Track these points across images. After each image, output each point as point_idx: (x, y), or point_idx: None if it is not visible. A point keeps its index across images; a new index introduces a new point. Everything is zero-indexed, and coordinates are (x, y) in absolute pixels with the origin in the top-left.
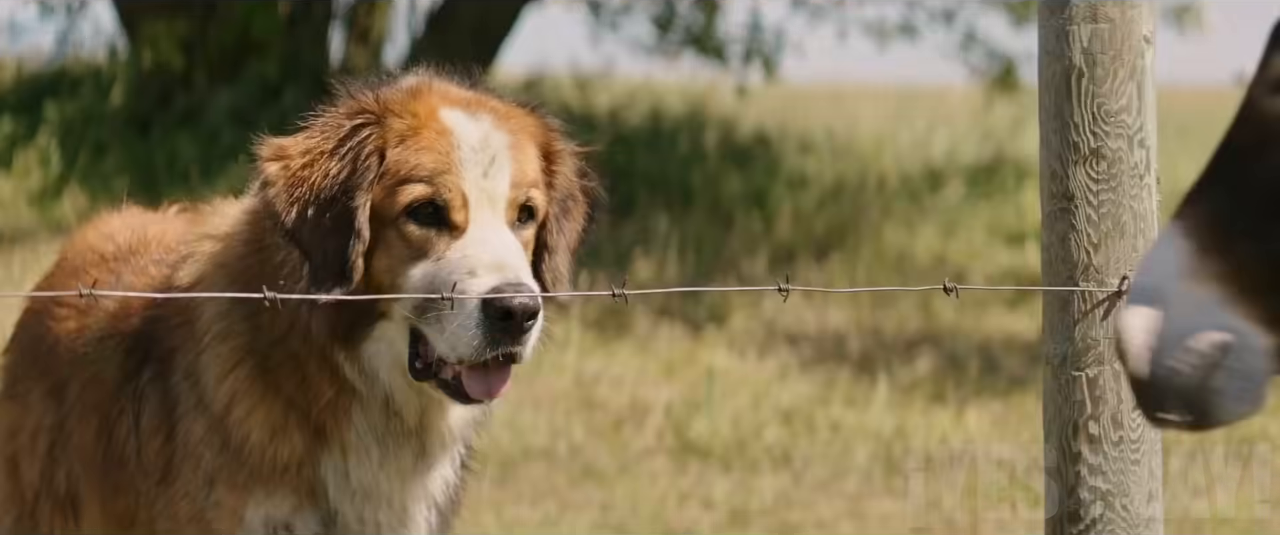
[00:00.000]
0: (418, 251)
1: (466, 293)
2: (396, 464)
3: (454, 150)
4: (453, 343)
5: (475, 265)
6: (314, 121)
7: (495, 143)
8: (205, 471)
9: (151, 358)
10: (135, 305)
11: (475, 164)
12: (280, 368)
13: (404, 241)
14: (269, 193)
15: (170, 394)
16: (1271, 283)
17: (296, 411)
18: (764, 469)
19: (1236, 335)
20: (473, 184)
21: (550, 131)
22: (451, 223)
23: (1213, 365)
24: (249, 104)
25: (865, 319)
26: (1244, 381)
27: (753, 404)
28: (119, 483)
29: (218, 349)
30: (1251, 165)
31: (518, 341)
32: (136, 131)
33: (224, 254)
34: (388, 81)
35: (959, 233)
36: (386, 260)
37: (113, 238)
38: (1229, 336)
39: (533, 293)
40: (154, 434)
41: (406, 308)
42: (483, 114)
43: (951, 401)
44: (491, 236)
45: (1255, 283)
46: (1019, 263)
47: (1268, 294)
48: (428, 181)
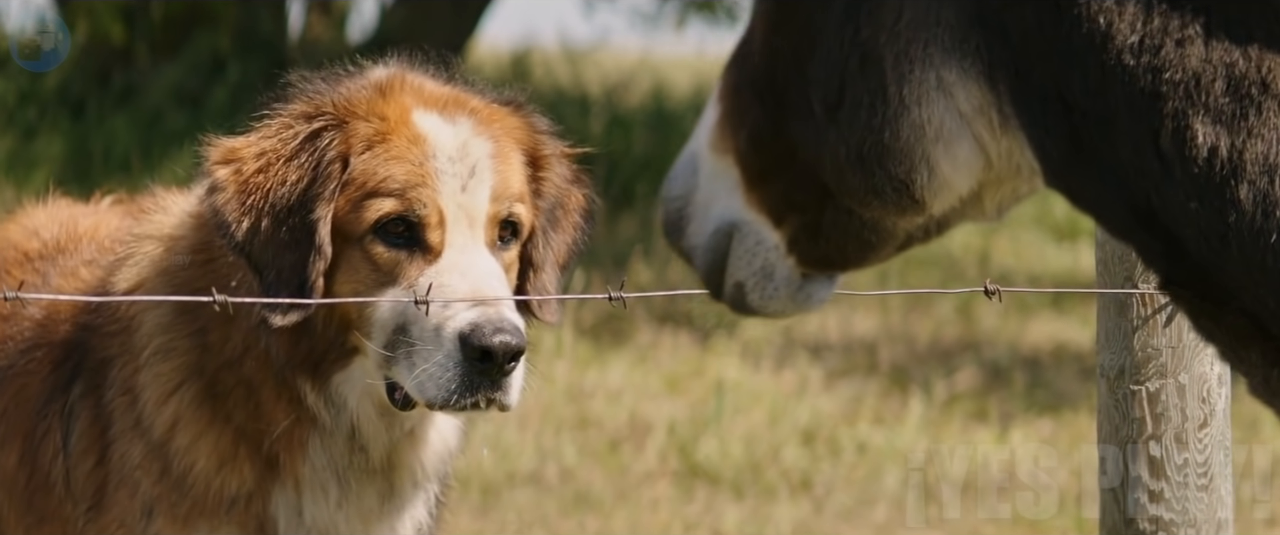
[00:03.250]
0: (386, 276)
1: (440, 329)
2: (358, 504)
3: (428, 160)
4: (423, 385)
5: (451, 296)
6: (269, 121)
7: (475, 151)
8: (143, 500)
9: (83, 370)
10: (65, 311)
11: (453, 176)
12: (231, 393)
13: (370, 264)
14: (217, 200)
15: (103, 411)
16: (764, 170)
17: (247, 441)
18: (781, 495)
19: (744, 225)
20: (449, 199)
21: (537, 134)
22: (425, 244)
23: (726, 252)
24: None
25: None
26: (763, 277)
27: (768, 422)
28: (45, 511)
29: (158, 367)
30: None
31: (498, 386)
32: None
33: (167, 260)
34: (351, 74)
35: (1002, 228)
36: (350, 284)
37: (37, 234)
38: (736, 222)
39: (516, 329)
40: (85, 456)
41: (374, 340)
42: (461, 117)
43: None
44: (470, 261)
45: (755, 167)
46: (1070, 262)
47: (764, 182)
48: (398, 196)
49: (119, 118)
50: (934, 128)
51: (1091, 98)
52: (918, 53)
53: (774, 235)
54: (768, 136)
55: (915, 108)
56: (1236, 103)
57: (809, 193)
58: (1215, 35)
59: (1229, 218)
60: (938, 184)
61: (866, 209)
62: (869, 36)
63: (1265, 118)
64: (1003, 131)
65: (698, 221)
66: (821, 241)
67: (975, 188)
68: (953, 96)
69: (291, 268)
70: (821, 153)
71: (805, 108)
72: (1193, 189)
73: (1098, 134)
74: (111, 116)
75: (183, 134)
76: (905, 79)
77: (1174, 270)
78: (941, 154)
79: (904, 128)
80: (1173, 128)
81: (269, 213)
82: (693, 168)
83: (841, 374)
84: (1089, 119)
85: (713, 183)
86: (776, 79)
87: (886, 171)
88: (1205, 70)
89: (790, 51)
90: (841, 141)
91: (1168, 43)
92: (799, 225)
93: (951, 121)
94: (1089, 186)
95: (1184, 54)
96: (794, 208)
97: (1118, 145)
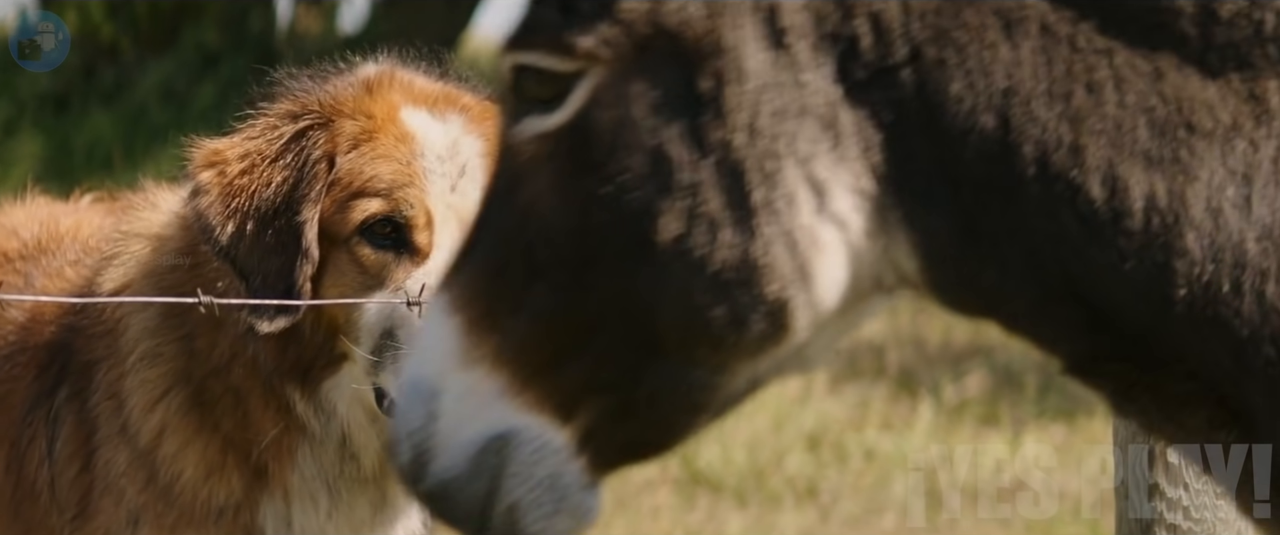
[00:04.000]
0: (373, 279)
1: None
2: (349, 514)
3: (417, 159)
4: None
5: None
6: (254, 120)
7: (466, 150)
8: (128, 509)
9: (68, 373)
10: (50, 313)
11: (442, 175)
12: (218, 401)
13: (357, 266)
14: (201, 203)
15: (88, 416)
16: (551, 357)
17: (235, 450)
18: (786, 504)
19: (521, 431)
20: (438, 199)
21: None
22: (413, 245)
23: (496, 471)
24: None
25: (904, 328)
26: (545, 490)
27: (772, 427)
28: (31, 519)
29: (145, 372)
30: (506, 212)
31: None
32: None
33: (154, 261)
34: (340, 72)
35: None
36: (336, 288)
37: (17, 233)
38: (508, 433)
39: None
40: (69, 462)
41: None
42: (452, 114)
43: (1006, 425)
44: None
45: (534, 360)
46: None
47: (550, 372)
48: (385, 196)
49: (102, 114)
50: (808, 233)
51: (991, 165)
52: (783, 149)
53: (560, 435)
54: (561, 311)
55: (786, 213)
56: (1166, 146)
57: (622, 363)
58: (1125, 77)
59: (1175, 272)
60: (816, 300)
61: (716, 353)
62: (724, 141)
63: (1199, 158)
64: (881, 230)
65: (450, 450)
66: (632, 422)
67: (840, 306)
68: (826, 195)
69: (278, 272)
70: (661, 296)
71: (633, 251)
72: (1129, 246)
73: (1000, 206)
74: (95, 112)
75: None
76: (771, 182)
77: (1100, 345)
78: (819, 264)
79: (775, 238)
80: (1101, 181)
81: (254, 216)
82: (428, 394)
83: (848, 378)
84: (988, 191)
85: (463, 402)
86: (584, 232)
87: (755, 294)
88: (1124, 116)
89: (610, 192)
90: (694, 272)
91: (1078, 89)
92: (600, 410)
93: (827, 224)
94: (986, 273)
95: (1099, 100)
96: (596, 389)
97: (1027, 214)
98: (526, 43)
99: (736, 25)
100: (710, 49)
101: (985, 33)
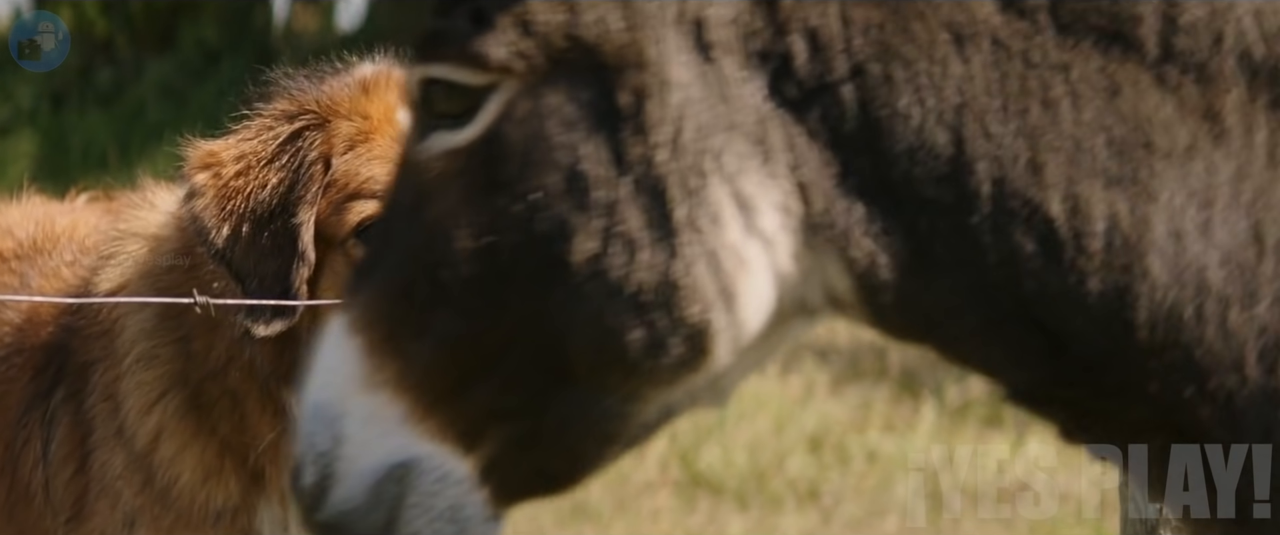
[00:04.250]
0: None
1: None
2: None
3: None
4: None
5: None
6: (249, 121)
7: None
8: (124, 511)
9: (64, 374)
10: (46, 313)
11: None
12: (215, 404)
13: None
14: (197, 205)
15: (85, 417)
16: (455, 383)
17: (232, 454)
18: (787, 506)
19: (422, 460)
20: None
21: None
22: None
23: (396, 502)
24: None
25: None
26: (446, 523)
27: (773, 429)
28: (25, 523)
29: (140, 375)
30: (412, 231)
31: None
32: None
33: (151, 262)
34: (336, 72)
35: None
36: (333, 290)
37: (12, 232)
38: (408, 462)
39: None
40: (64, 463)
41: None
42: None
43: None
44: None
45: (437, 386)
46: None
47: (454, 399)
48: (382, 198)
49: (98, 113)
50: (733, 255)
51: (941, 183)
52: (709, 165)
53: (463, 464)
54: (467, 335)
55: (710, 232)
56: (1125, 165)
57: (530, 390)
58: (1082, 93)
59: (1137, 296)
60: (739, 323)
61: (630, 380)
62: (645, 157)
63: (1159, 178)
64: (811, 250)
65: (351, 478)
66: (538, 452)
67: (763, 330)
68: (753, 212)
69: (274, 275)
70: (574, 320)
71: (545, 272)
72: (1090, 268)
73: (949, 227)
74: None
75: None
76: (695, 199)
77: (1053, 371)
78: (744, 284)
79: (697, 258)
80: (1060, 199)
81: (250, 218)
82: (330, 418)
83: (850, 379)
84: (937, 210)
85: (367, 427)
86: (493, 253)
87: (675, 317)
88: (1083, 133)
89: (522, 211)
90: (610, 294)
91: (1034, 105)
92: (506, 439)
93: (754, 243)
94: (930, 296)
95: (1057, 116)
96: (502, 417)
97: (979, 234)
98: (435, 55)
99: (659, 38)
100: (631, 62)
101: (935, 48)
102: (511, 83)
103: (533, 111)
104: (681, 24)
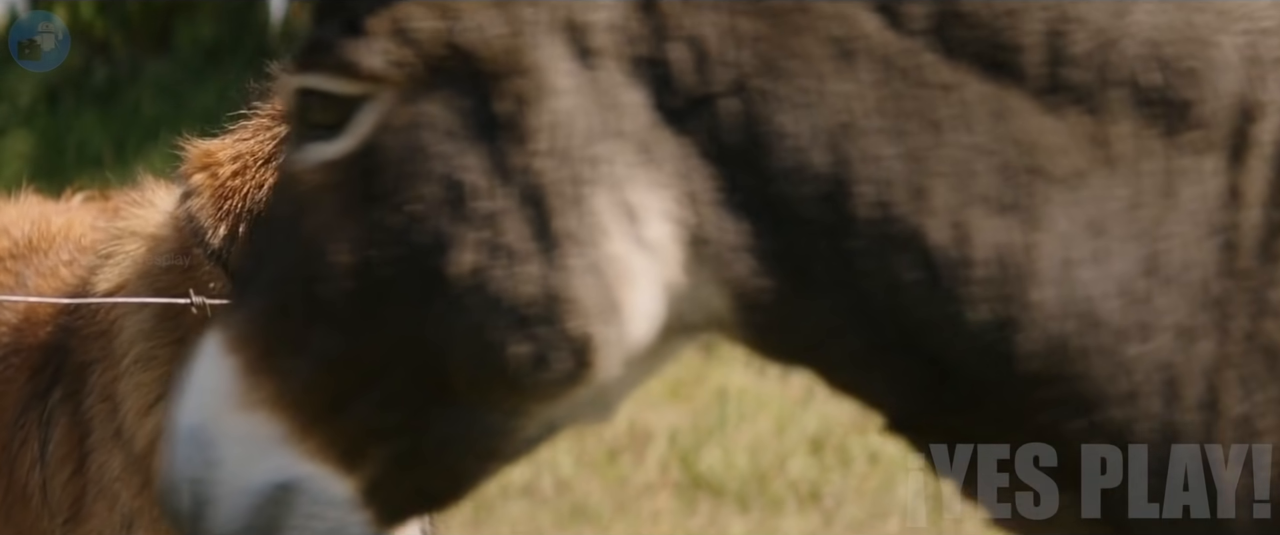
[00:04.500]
0: None
1: None
2: None
3: None
4: None
5: None
6: (246, 121)
7: None
8: (122, 513)
9: (62, 375)
10: (43, 313)
11: None
12: None
13: None
14: (194, 205)
15: (82, 418)
16: (335, 401)
17: None
18: (788, 508)
19: (302, 481)
20: None
21: None
22: None
23: (275, 524)
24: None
25: None
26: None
27: (774, 430)
28: (22, 523)
29: (139, 376)
30: (287, 246)
31: None
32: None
33: (149, 261)
34: None
35: None
36: None
37: (8, 232)
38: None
39: None
40: (62, 464)
41: None
42: None
43: None
44: None
45: (316, 404)
46: None
47: (334, 418)
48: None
49: (94, 112)
50: (618, 266)
51: (822, 204)
52: (593, 174)
53: (343, 485)
54: (345, 352)
55: (595, 242)
56: (1013, 191)
57: (411, 407)
58: (970, 116)
59: (1022, 326)
60: (625, 335)
61: (512, 395)
62: (527, 166)
63: (1050, 206)
64: (696, 264)
65: (228, 500)
66: (421, 471)
67: (650, 343)
68: (640, 221)
69: None
70: (454, 335)
71: (424, 287)
72: (974, 296)
73: (830, 249)
74: (87, 110)
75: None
76: (580, 208)
77: (936, 399)
78: (630, 296)
79: (581, 269)
80: (944, 225)
81: (247, 218)
82: (204, 440)
83: None
84: (818, 231)
85: (242, 447)
86: (370, 268)
87: (559, 330)
88: (970, 157)
89: (399, 224)
90: (491, 308)
91: (920, 127)
92: (387, 458)
93: (640, 256)
94: (809, 319)
95: (942, 139)
96: (382, 435)
97: (861, 258)
98: (309, 64)
99: (540, 44)
100: (511, 69)
101: (819, 63)
102: (388, 92)
103: (410, 121)
104: (563, 30)
